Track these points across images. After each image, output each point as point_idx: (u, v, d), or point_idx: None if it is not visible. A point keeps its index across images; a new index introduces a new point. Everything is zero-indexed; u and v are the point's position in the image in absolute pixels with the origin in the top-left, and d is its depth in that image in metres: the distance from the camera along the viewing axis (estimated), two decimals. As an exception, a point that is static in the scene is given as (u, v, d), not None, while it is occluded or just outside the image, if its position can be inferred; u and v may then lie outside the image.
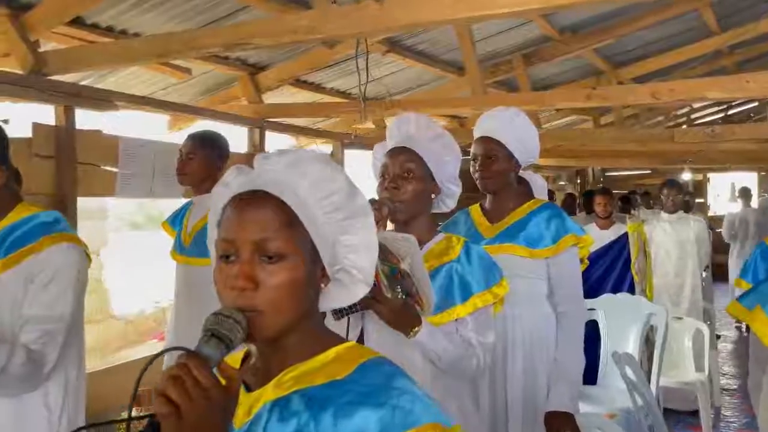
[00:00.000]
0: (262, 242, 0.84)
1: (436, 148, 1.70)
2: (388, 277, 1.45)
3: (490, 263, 1.68)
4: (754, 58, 7.35)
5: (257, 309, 0.83)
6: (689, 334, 4.26)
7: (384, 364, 0.88)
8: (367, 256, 0.93)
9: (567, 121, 7.88)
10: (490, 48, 5.01)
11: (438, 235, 1.72)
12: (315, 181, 0.90)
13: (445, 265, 1.63)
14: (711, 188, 13.30)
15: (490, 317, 1.64)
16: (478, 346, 1.59)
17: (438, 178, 1.70)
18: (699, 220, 5.22)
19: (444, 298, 1.60)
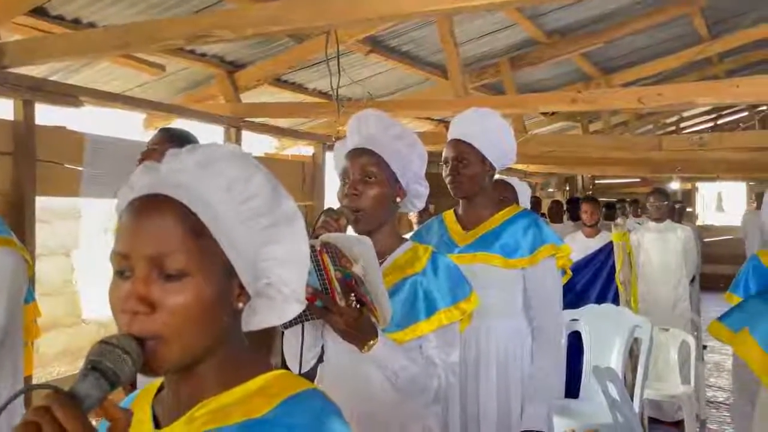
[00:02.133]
0: (159, 257, 0.71)
1: (399, 147, 1.56)
2: (342, 284, 1.32)
3: (458, 276, 1.55)
4: (744, 67, 7.33)
5: (154, 336, 0.70)
6: (675, 346, 4.18)
7: (314, 398, 0.76)
8: (296, 269, 0.80)
9: (555, 127, 7.83)
10: (476, 51, 4.93)
11: (404, 244, 1.59)
12: (230, 183, 0.77)
13: (409, 278, 1.50)
14: (700, 197, 13.32)
15: (456, 334, 1.52)
16: (441, 365, 1.46)
17: (403, 180, 1.57)
18: (687, 229, 5.16)
19: (407, 314, 1.47)
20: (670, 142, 5.33)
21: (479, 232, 2.02)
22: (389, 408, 1.44)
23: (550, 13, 4.52)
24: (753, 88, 3.17)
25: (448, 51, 3.97)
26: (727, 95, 3.16)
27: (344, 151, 1.60)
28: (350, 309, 1.32)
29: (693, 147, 4.87)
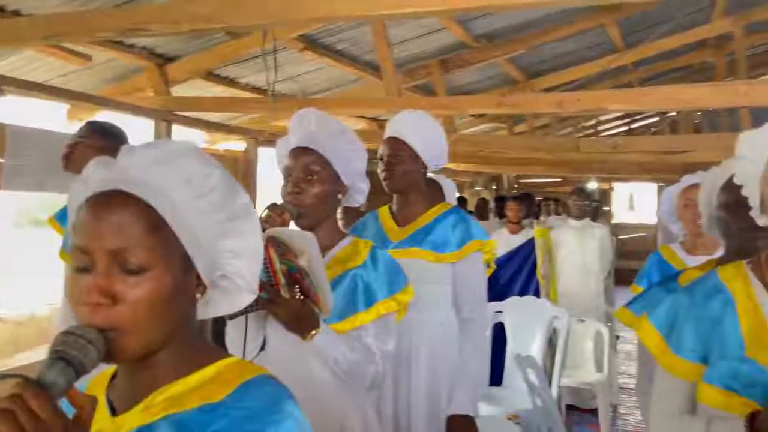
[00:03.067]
0: (120, 252, 0.74)
1: (340, 145, 1.63)
2: (287, 277, 1.37)
3: (396, 269, 1.64)
4: (656, 75, 7.82)
5: (116, 327, 0.73)
6: (590, 336, 4.44)
7: (268, 384, 0.80)
8: (250, 261, 0.84)
9: (483, 128, 8.09)
10: (408, 52, 5.05)
11: (345, 239, 1.65)
12: (190, 179, 0.79)
13: (350, 271, 1.57)
14: (615, 197, 14.08)
15: (392, 324, 1.60)
16: (378, 353, 1.54)
17: (345, 177, 1.64)
18: (603, 227, 5.45)
19: (347, 305, 1.54)
20: (587, 144, 5.64)
21: (412, 229, 2.11)
22: (329, 394, 1.50)
23: (478, 18, 4.69)
24: (660, 97, 3.45)
25: (381, 51, 4.06)
26: (637, 102, 3.42)
27: (286, 149, 1.65)
28: (294, 300, 1.38)
29: (608, 149, 5.18)
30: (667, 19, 5.01)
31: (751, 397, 1.06)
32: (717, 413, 1.11)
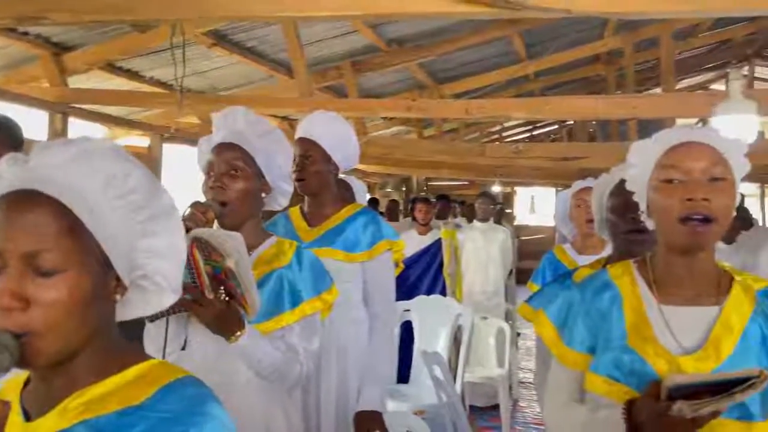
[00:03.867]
0: (34, 255, 0.71)
1: (266, 144, 1.61)
2: (211, 278, 1.35)
3: (321, 269, 1.64)
4: (557, 85, 8.27)
5: (30, 331, 0.70)
6: (493, 333, 4.62)
7: (190, 385, 0.79)
8: (173, 261, 0.82)
9: (393, 131, 8.22)
10: (320, 53, 5.05)
11: (270, 239, 1.64)
12: (108, 178, 0.76)
13: (275, 271, 1.56)
14: (517, 200, 14.73)
15: (317, 323, 1.61)
16: (303, 353, 1.54)
17: (269, 177, 1.62)
18: (505, 230, 5.69)
19: (273, 305, 1.53)
20: (492, 149, 5.88)
21: (323, 229, 2.12)
22: (253, 395, 1.49)
23: (389, 24, 4.78)
24: (558, 106, 3.67)
25: (292, 51, 4.05)
26: (538, 111, 3.62)
27: (209, 145, 1.61)
28: (219, 302, 1.36)
29: (511, 155, 5.43)
30: (565, 34, 5.33)
31: (631, 385, 1.14)
32: (602, 401, 1.18)
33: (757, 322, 1.15)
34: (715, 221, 1.11)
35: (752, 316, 1.15)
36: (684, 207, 1.11)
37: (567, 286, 1.35)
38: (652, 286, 1.21)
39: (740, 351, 1.12)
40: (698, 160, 1.13)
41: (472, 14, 1.72)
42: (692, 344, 1.14)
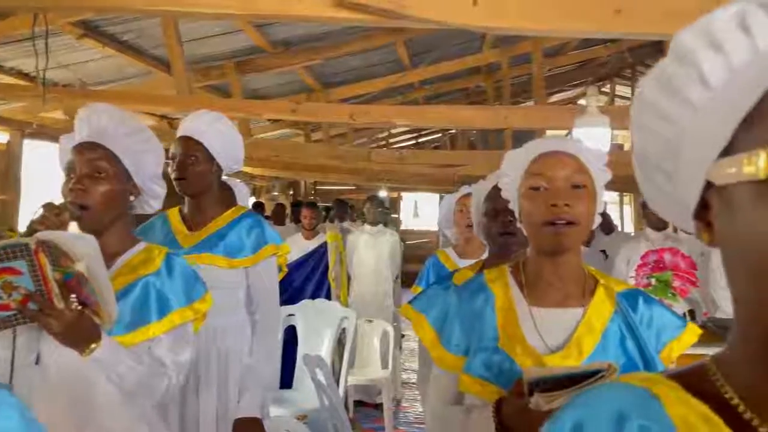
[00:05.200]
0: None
1: (133, 144, 1.51)
2: (61, 285, 1.24)
3: (194, 277, 1.56)
4: (440, 95, 8.58)
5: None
6: (378, 335, 4.69)
7: None
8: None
9: (280, 133, 8.13)
10: (202, 51, 4.89)
11: (138, 244, 1.54)
12: None
13: (142, 279, 1.47)
14: (403, 205, 15.09)
15: (188, 334, 1.53)
16: (171, 365, 1.46)
17: (137, 178, 1.52)
18: (394, 233, 5.79)
19: (139, 315, 1.44)
20: (378, 155, 5.98)
21: (205, 233, 2.05)
22: (114, 411, 1.40)
23: (275, 25, 4.72)
24: (440, 115, 3.81)
25: (171, 47, 3.89)
26: (421, 119, 3.74)
27: (71, 144, 1.50)
28: (69, 311, 1.26)
29: (396, 161, 5.55)
30: (447, 45, 5.55)
31: (501, 384, 1.19)
32: (475, 401, 1.23)
33: (617, 323, 1.22)
34: (577, 225, 1.19)
35: (612, 317, 1.23)
36: (549, 212, 1.18)
37: (446, 289, 1.38)
38: (524, 289, 1.27)
39: (600, 349, 1.19)
40: (561, 169, 1.21)
41: (352, 21, 1.75)
42: (557, 344, 1.21)
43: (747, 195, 0.43)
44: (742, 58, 0.46)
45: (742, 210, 0.44)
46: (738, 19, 0.46)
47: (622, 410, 0.48)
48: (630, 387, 0.50)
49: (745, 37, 0.46)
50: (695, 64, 0.48)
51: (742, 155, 0.43)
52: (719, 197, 0.46)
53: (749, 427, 0.45)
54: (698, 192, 0.48)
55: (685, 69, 0.49)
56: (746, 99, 0.44)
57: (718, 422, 0.46)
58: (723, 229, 0.47)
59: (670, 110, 0.50)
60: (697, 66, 0.48)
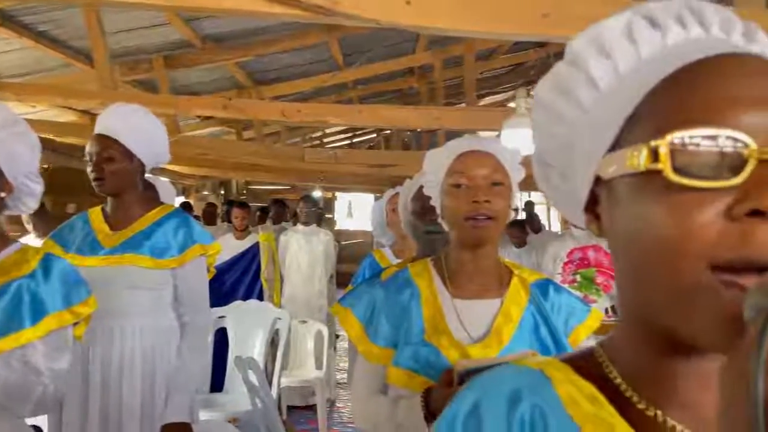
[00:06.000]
0: None
1: (4, 137, 1.41)
2: None
3: (74, 279, 1.48)
4: (375, 94, 8.61)
5: None
6: (312, 336, 4.66)
7: None
8: None
9: (210, 131, 7.93)
10: (127, 43, 4.70)
11: (12, 245, 1.45)
12: None
13: (15, 282, 1.38)
14: (338, 205, 15.07)
15: (67, 340, 1.45)
16: (46, 372, 1.38)
17: (10, 175, 1.42)
18: (328, 233, 5.76)
19: (10, 321, 1.35)
20: (311, 154, 5.94)
21: (128, 233, 1.97)
22: None
23: (205, 19, 4.60)
24: (373, 115, 3.82)
25: (94, 39, 3.72)
26: (354, 118, 3.74)
27: None
28: None
29: (329, 160, 5.53)
30: (380, 45, 5.57)
31: (428, 375, 1.23)
32: (403, 392, 1.26)
33: (530, 311, 1.30)
34: (495, 219, 1.26)
35: (527, 306, 1.30)
36: (469, 208, 1.25)
37: (373, 285, 1.41)
38: (447, 282, 1.32)
39: (517, 337, 1.26)
40: (481, 167, 1.27)
41: (285, 16, 1.73)
42: (479, 334, 1.27)
43: (628, 187, 0.46)
44: (627, 65, 0.50)
45: (623, 201, 0.47)
46: (625, 29, 0.50)
47: (517, 390, 0.51)
48: (525, 369, 0.54)
49: (630, 46, 0.50)
50: (586, 68, 0.52)
51: (625, 150, 0.46)
52: (606, 191, 0.50)
53: (630, 404, 0.50)
54: (588, 186, 0.52)
55: (577, 72, 0.52)
56: (630, 101, 0.48)
57: (602, 400, 0.50)
58: (608, 221, 0.50)
59: (563, 110, 0.54)
60: (587, 70, 0.51)
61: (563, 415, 0.49)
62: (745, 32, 0.50)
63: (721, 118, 0.42)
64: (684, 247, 0.42)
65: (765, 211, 0.40)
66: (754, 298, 0.36)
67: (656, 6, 0.50)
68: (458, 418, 0.51)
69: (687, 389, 0.48)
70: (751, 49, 0.48)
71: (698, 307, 0.42)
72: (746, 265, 0.40)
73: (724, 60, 0.44)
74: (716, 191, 0.41)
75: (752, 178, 0.41)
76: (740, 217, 0.40)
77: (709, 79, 0.44)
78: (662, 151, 0.42)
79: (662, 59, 0.48)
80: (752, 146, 0.41)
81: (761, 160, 0.41)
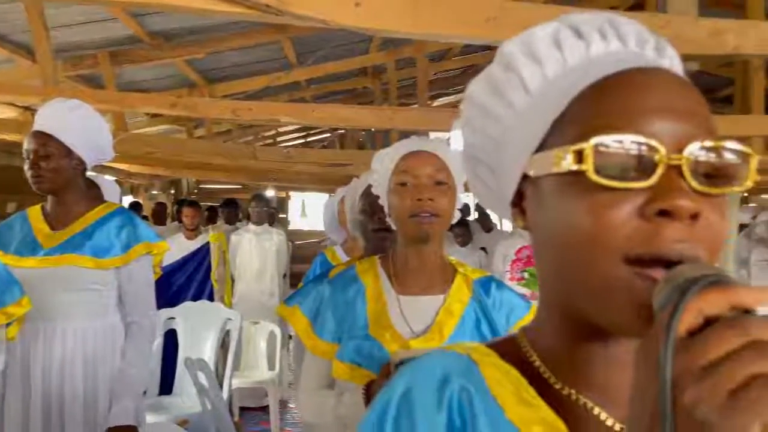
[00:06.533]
0: None
1: None
2: None
3: (8, 279, 1.47)
4: (328, 94, 8.59)
5: None
6: (264, 336, 4.63)
7: None
8: None
9: (160, 129, 7.77)
10: (71, 38, 4.56)
11: None
12: None
13: None
14: (292, 205, 14.95)
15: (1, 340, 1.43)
16: None
17: None
18: (280, 233, 5.72)
19: None
20: (264, 153, 5.88)
21: (69, 233, 1.93)
22: None
23: (154, 15, 4.51)
24: (326, 114, 3.82)
25: (36, 33, 3.60)
26: (306, 117, 3.73)
27: None
28: None
29: (282, 159, 5.49)
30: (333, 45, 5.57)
31: (371, 369, 1.27)
32: (347, 385, 1.30)
33: (473, 307, 1.35)
34: (439, 217, 1.30)
35: (469, 302, 1.35)
36: (414, 206, 1.29)
37: (321, 282, 1.44)
38: (392, 278, 1.36)
39: (458, 332, 1.31)
40: (426, 167, 1.31)
41: (232, 14, 1.72)
42: (422, 329, 1.31)
43: (553, 185, 0.50)
44: (555, 71, 0.54)
45: (548, 198, 0.51)
46: (552, 37, 0.54)
47: (446, 373, 0.53)
48: (454, 354, 0.57)
49: (558, 53, 0.54)
50: (519, 72, 0.55)
51: (553, 151, 0.49)
52: (532, 187, 0.54)
53: (548, 385, 0.54)
54: (516, 183, 0.55)
55: (509, 75, 0.56)
56: (557, 106, 0.51)
57: (523, 381, 0.54)
58: (533, 215, 0.54)
59: (495, 110, 0.57)
60: (519, 73, 0.55)
61: (488, 397, 0.52)
62: (656, 47, 0.55)
63: (636, 126, 0.46)
64: (601, 241, 0.45)
65: (671, 211, 0.44)
66: (662, 290, 0.40)
67: (581, 18, 0.54)
68: (391, 403, 0.53)
69: (601, 372, 0.52)
70: (662, 63, 0.53)
71: (613, 296, 0.46)
72: (655, 259, 0.44)
73: (640, 73, 0.49)
74: (631, 191, 0.45)
75: (661, 181, 0.45)
76: (650, 216, 0.44)
77: (627, 91, 0.48)
78: (586, 153, 0.46)
79: (586, 69, 0.51)
80: (662, 152, 0.45)
81: (669, 165, 0.45)
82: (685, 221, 0.44)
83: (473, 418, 0.51)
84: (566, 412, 0.52)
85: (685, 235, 0.44)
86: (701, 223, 0.45)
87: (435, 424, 0.51)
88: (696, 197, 0.45)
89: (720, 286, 0.38)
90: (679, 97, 0.48)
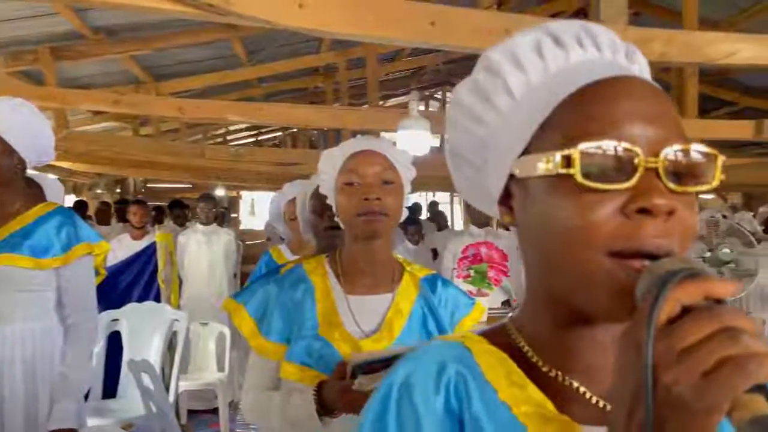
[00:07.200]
0: None
1: None
2: None
3: None
4: (280, 92, 8.53)
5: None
6: (213, 337, 4.57)
7: None
8: None
9: (104, 126, 7.56)
10: (13, 33, 4.41)
11: None
12: None
13: None
14: (242, 204, 14.76)
15: None
16: None
17: None
18: (229, 233, 5.64)
19: None
20: (212, 151, 5.81)
21: (6, 232, 1.88)
22: None
23: (97, 10, 4.40)
24: (275, 113, 3.81)
25: (-29, 26, 3.46)
26: (255, 116, 3.71)
27: None
28: None
29: (231, 157, 5.43)
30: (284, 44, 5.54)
31: (321, 369, 1.27)
32: (296, 386, 1.28)
33: (420, 305, 1.36)
34: (387, 216, 1.31)
35: (416, 300, 1.36)
36: (361, 205, 1.29)
37: (268, 281, 1.42)
38: (340, 277, 1.36)
39: (407, 330, 1.32)
40: (372, 166, 1.32)
41: (175, 12, 1.71)
42: (371, 328, 1.32)
43: (541, 187, 0.54)
44: (538, 78, 0.58)
45: (537, 198, 0.55)
46: (534, 45, 0.58)
47: (443, 360, 0.57)
48: (449, 343, 0.61)
49: (539, 60, 0.58)
50: (504, 78, 0.59)
51: (541, 155, 0.53)
52: (520, 187, 0.57)
53: (536, 368, 0.58)
54: (503, 182, 0.59)
55: (494, 80, 0.59)
56: (542, 111, 0.55)
57: (512, 365, 0.58)
58: (521, 213, 0.58)
59: (481, 113, 0.61)
60: (505, 79, 0.59)
61: (482, 380, 0.57)
62: (627, 53, 0.60)
63: (617, 132, 0.51)
64: (588, 237, 0.50)
65: (650, 209, 0.49)
66: (644, 281, 0.46)
67: (559, 27, 0.58)
68: (393, 388, 0.57)
69: (585, 354, 0.57)
70: (633, 69, 0.59)
71: (598, 285, 0.51)
72: (635, 253, 0.49)
73: (617, 82, 0.53)
74: (614, 192, 0.50)
75: (641, 182, 0.50)
76: (631, 214, 0.49)
77: (606, 99, 0.52)
78: (574, 158, 0.50)
79: (567, 76, 0.55)
80: (641, 155, 0.50)
81: (647, 168, 0.50)
82: (662, 218, 0.49)
83: (469, 400, 0.55)
84: (553, 391, 0.56)
85: (662, 231, 0.49)
86: (675, 218, 0.50)
87: (433, 406, 0.55)
88: (671, 196, 0.50)
89: (696, 279, 0.43)
90: (654, 103, 0.52)
